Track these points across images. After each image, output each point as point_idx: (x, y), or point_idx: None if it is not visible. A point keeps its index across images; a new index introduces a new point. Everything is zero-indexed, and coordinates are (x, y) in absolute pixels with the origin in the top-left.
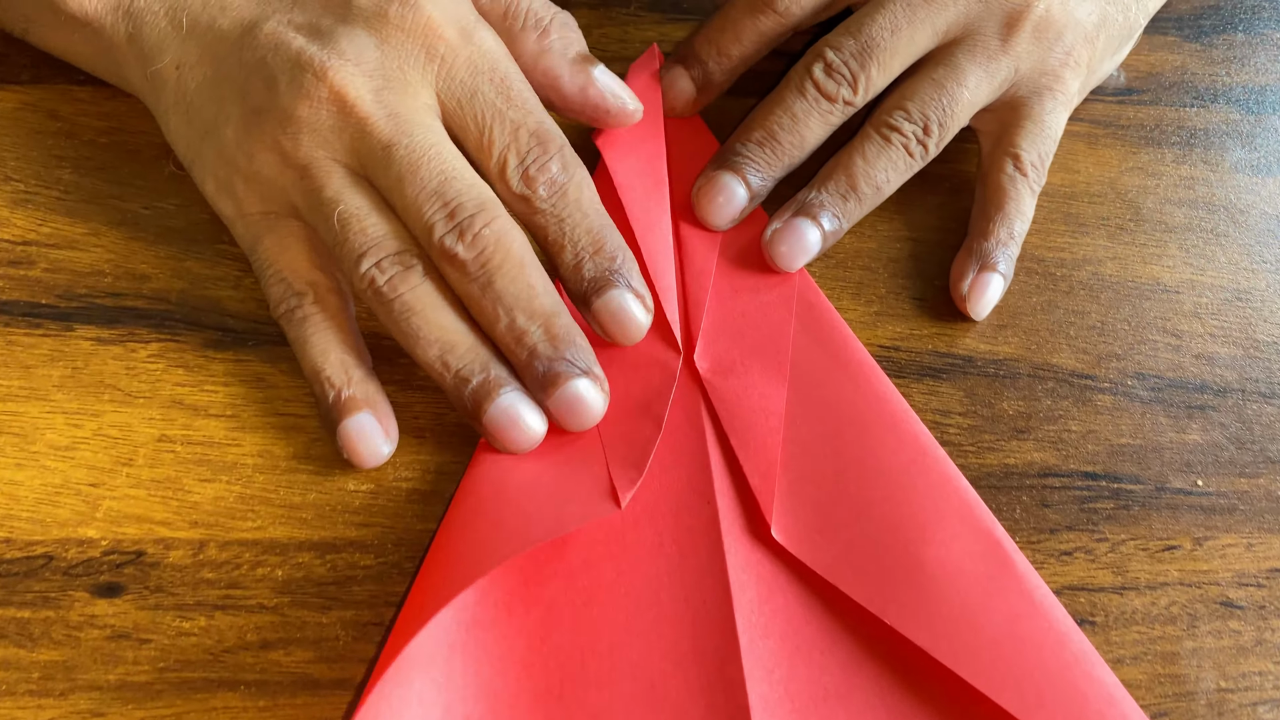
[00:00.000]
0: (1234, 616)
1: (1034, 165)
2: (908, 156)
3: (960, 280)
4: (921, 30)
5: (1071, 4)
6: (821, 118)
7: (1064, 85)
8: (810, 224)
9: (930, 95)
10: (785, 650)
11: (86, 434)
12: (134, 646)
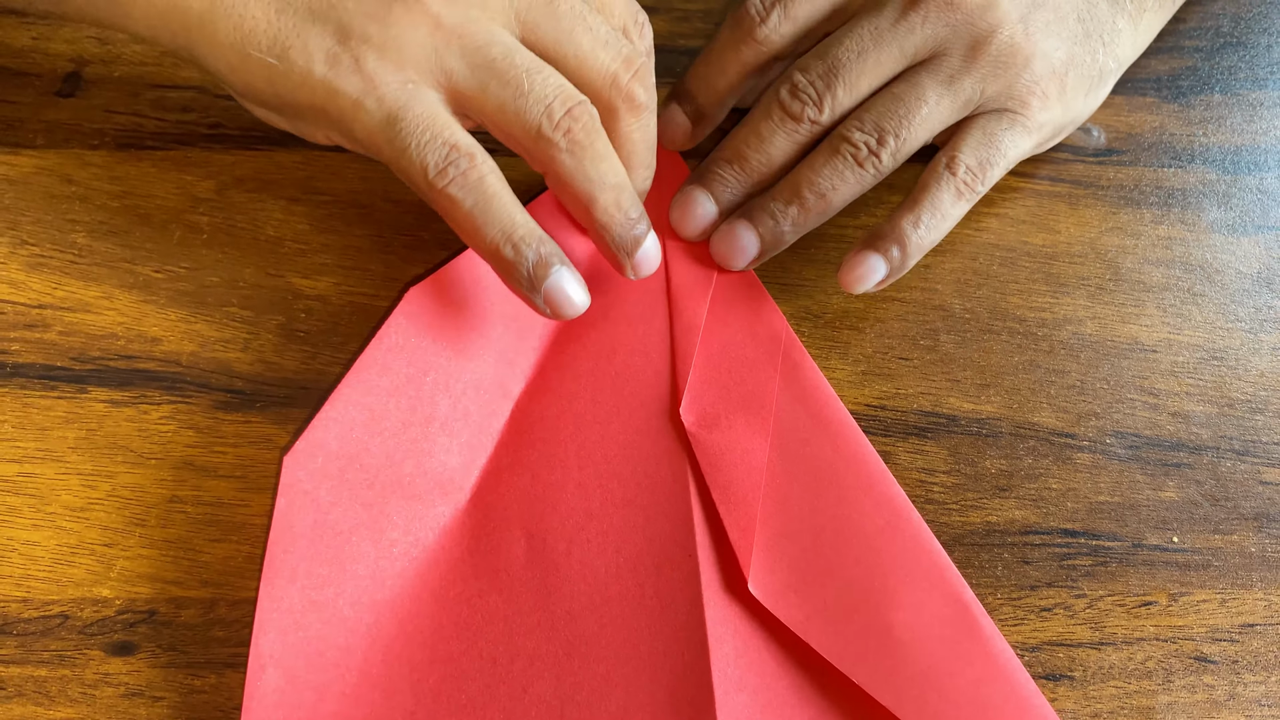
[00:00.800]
0: (1208, 671)
1: (968, 169)
2: (856, 166)
3: (851, 251)
4: (887, 53)
5: (1037, 36)
6: (787, 137)
7: (1029, 111)
8: (748, 227)
9: (886, 107)
10: (758, 704)
11: (100, 495)
12: (147, 704)
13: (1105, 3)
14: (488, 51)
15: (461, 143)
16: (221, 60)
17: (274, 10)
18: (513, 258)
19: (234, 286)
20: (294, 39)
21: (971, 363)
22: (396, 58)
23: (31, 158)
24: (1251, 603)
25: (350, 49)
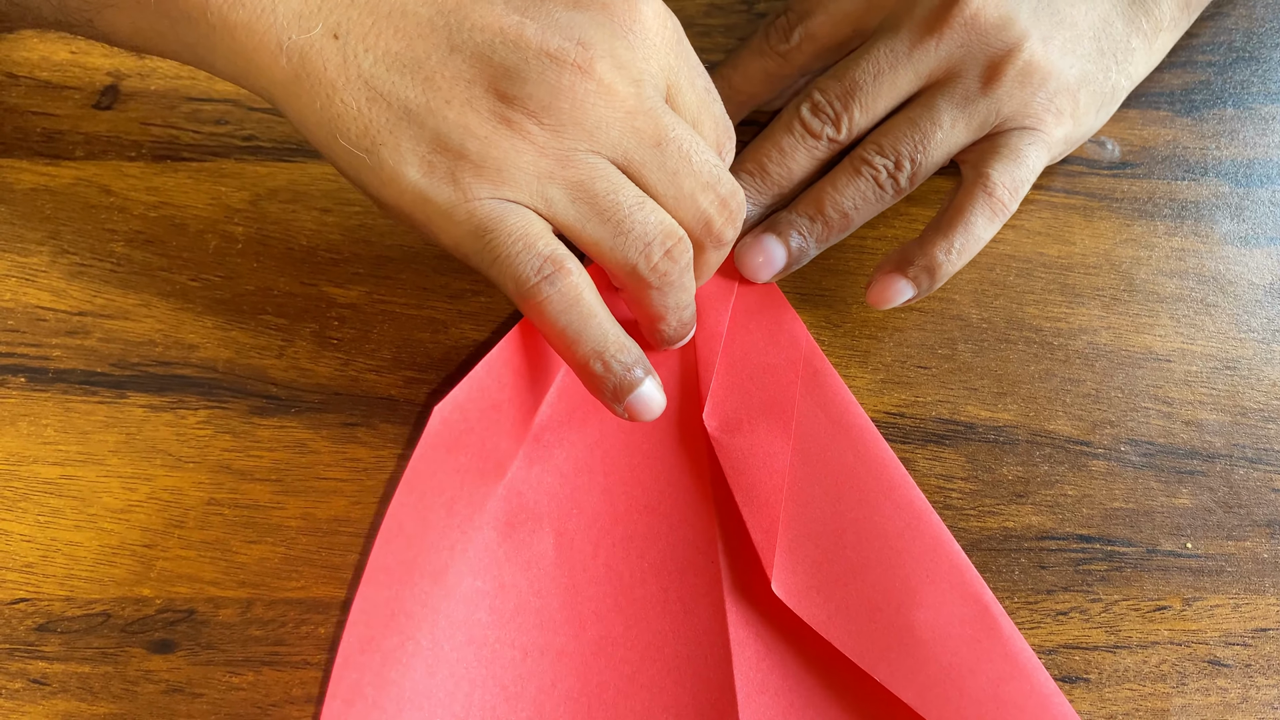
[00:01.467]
0: (1221, 674)
1: (1005, 189)
2: (876, 188)
3: (880, 270)
4: (903, 74)
5: (1054, 56)
6: (807, 153)
7: (1046, 127)
8: (776, 240)
9: (904, 132)
10: (780, 705)
11: (140, 497)
12: (187, 700)
13: (1121, 22)
14: (590, 186)
15: (556, 254)
16: (307, 132)
17: (365, 100)
18: (602, 373)
19: (268, 295)
20: (386, 136)
21: (989, 371)
22: (495, 177)
23: (71, 169)
24: (1264, 608)
25: (446, 160)
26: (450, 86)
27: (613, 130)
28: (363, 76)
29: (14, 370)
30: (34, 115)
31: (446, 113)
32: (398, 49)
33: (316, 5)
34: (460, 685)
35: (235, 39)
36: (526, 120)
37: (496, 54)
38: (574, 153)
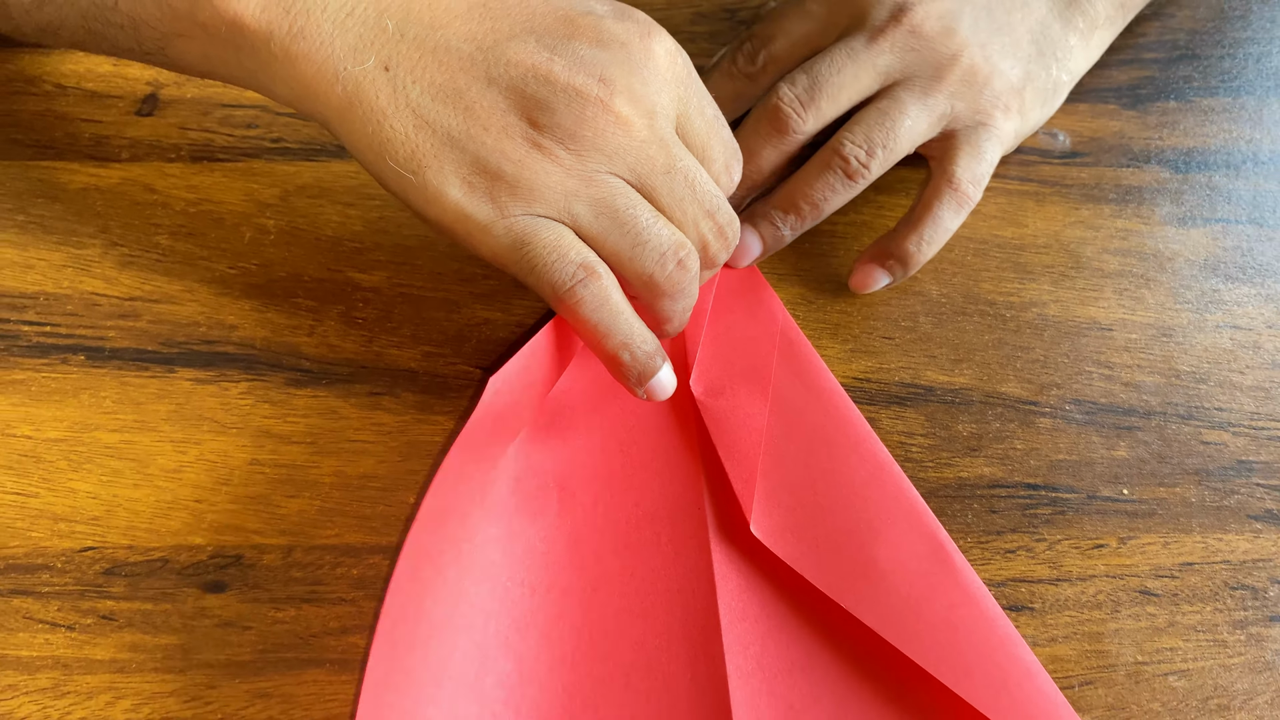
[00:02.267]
0: (1151, 603)
1: (968, 182)
2: (846, 179)
3: (860, 261)
4: (864, 69)
5: (995, 59)
6: (775, 149)
7: (996, 123)
8: (752, 232)
9: (874, 121)
10: (758, 630)
11: (191, 459)
12: (237, 632)
13: (1058, 23)
14: (611, 203)
15: (588, 260)
16: (357, 153)
17: (412, 126)
18: (629, 362)
19: (299, 280)
20: (430, 160)
21: (946, 341)
22: (528, 196)
23: (117, 170)
24: (1191, 545)
25: (484, 181)
26: (488, 115)
27: (629, 156)
28: (410, 105)
29: (74, 350)
30: (82, 122)
31: (485, 139)
32: (442, 81)
33: (370, 39)
34: (477, 617)
35: (295, 68)
36: (555, 146)
37: (529, 87)
38: (596, 174)
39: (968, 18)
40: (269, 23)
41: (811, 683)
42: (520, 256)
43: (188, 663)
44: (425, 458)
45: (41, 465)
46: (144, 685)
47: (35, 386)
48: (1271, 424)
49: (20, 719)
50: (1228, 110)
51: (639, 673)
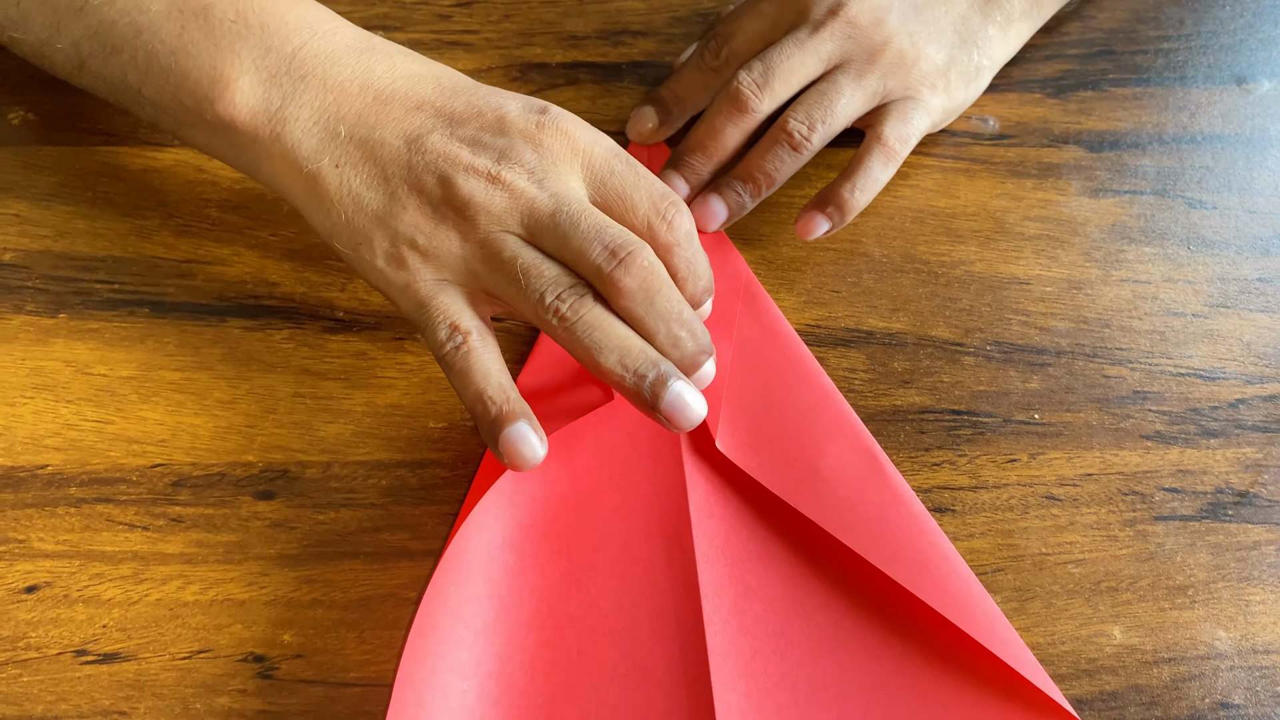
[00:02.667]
0: (1055, 506)
1: (896, 140)
2: (791, 150)
3: (803, 210)
4: (809, 57)
5: (921, 45)
6: (736, 127)
7: (923, 98)
8: (720, 200)
9: (814, 101)
10: (722, 526)
11: (242, 393)
12: (286, 531)
13: (978, 16)
14: (498, 255)
15: (463, 325)
16: (318, 232)
17: (352, 210)
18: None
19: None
20: (363, 239)
21: (886, 294)
22: (435, 262)
23: (170, 154)
24: (1090, 459)
25: (401, 251)
26: (406, 197)
27: (517, 213)
28: (351, 194)
29: (139, 304)
30: None
31: (404, 216)
32: (374, 172)
33: (326, 143)
34: (491, 539)
35: (273, 162)
36: (455, 216)
37: (440, 170)
38: (490, 234)
39: (896, 10)
40: (256, 127)
41: (765, 567)
42: (419, 317)
43: (245, 555)
44: (441, 391)
45: (116, 398)
46: (209, 573)
47: (108, 334)
48: (1164, 361)
49: (107, 599)
50: (1137, 98)
51: (624, 561)
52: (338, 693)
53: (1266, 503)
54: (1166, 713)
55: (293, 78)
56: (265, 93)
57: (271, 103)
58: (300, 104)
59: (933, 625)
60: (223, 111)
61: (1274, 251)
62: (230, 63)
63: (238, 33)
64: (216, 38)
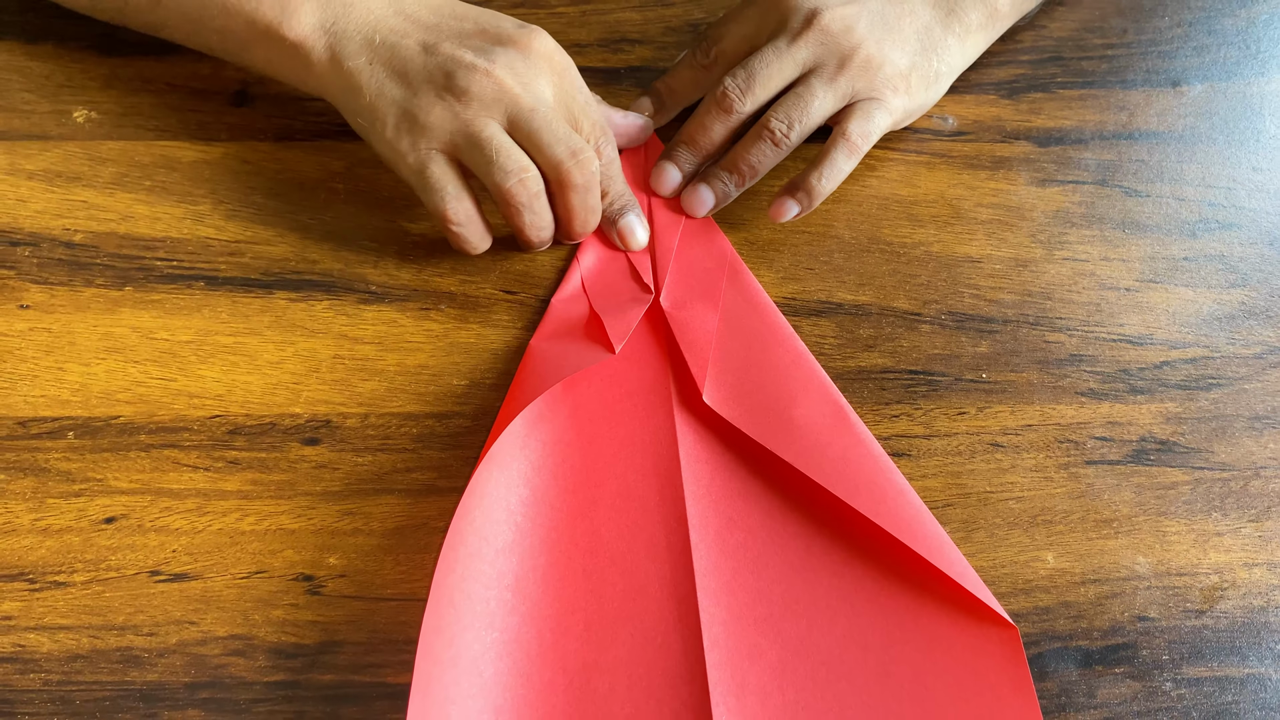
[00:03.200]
0: (999, 452)
1: (858, 136)
2: (774, 145)
3: (775, 196)
4: (787, 63)
5: (886, 51)
6: (723, 124)
7: (886, 99)
8: (706, 188)
9: (792, 103)
10: (707, 469)
11: (288, 355)
12: (329, 472)
13: (939, 26)
14: (477, 135)
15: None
16: (346, 114)
17: (374, 96)
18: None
19: (363, 228)
20: (380, 117)
21: (854, 270)
22: (427, 134)
23: (219, 147)
24: (1031, 413)
25: (409, 125)
26: (420, 86)
27: (502, 105)
28: (379, 85)
29: (195, 278)
30: (189, 112)
31: (415, 100)
32: (397, 68)
33: (365, 48)
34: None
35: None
36: (453, 100)
37: (447, 67)
38: (475, 117)
39: (865, 20)
40: (314, 42)
41: (745, 501)
42: (420, 181)
43: (294, 492)
44: (463, 354)
45: (177, 359)
46: (263, 507)
47: (168, 304)
48: (1099, 329)
49: (175, 529)
50: (1082, 99)
51: (622, 495)
52: (376, 606)
53: (1184, 450)
54: (1091, 624)
55: (343, 4)
56: (322, 16)
57: (326, 21)
58: (348, 20)
59: (890, 549)
60: (289, 32)
61: (1199, 234)
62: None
63: None
64: None
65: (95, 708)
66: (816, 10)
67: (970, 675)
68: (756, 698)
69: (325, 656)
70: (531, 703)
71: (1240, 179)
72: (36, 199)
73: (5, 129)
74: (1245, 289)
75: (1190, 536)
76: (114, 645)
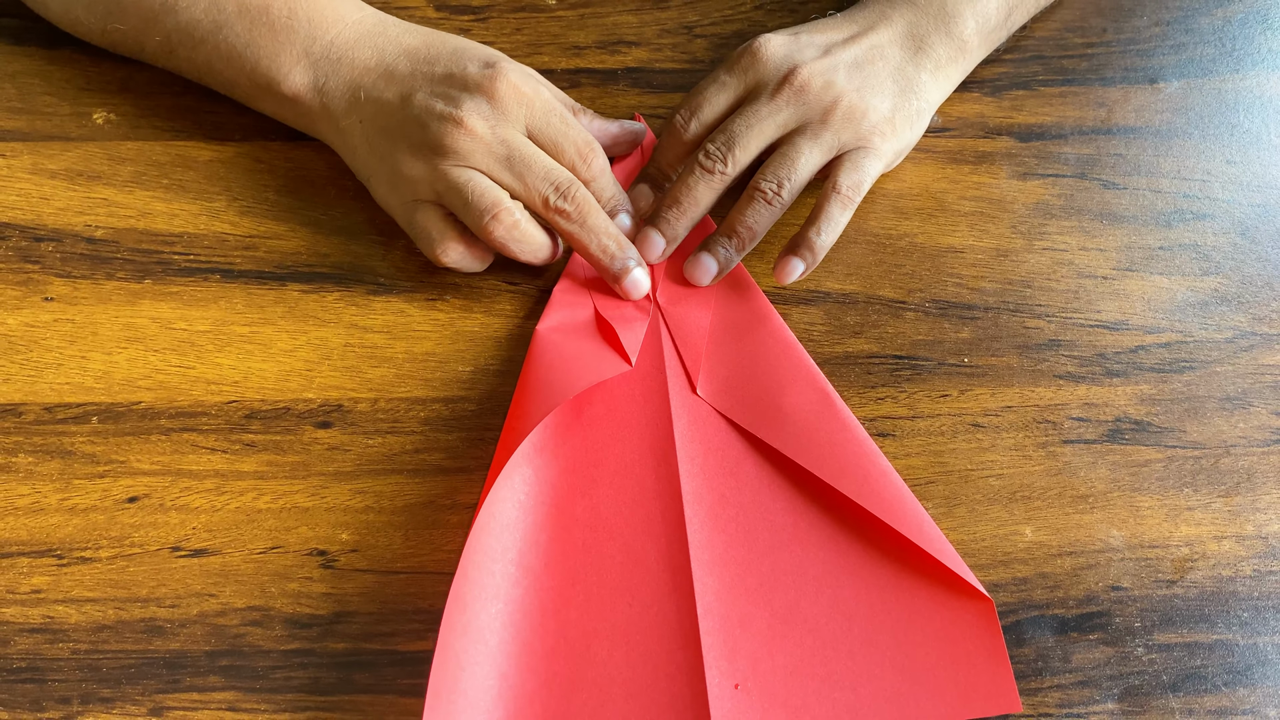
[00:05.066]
0: (979, 432)
1: (849, 188)
2: (767, 205)
3: (779, 256)
4: (767, 124)
5: (867, 98)
6: (708, 187)
7: (874, 145)
8: (708, 256)
9: (779, 163)
10: (700, 451)
11: (301, 343)
12: (341, 453)
13: (910, 65)
14: (455, 183)
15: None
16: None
17: (367, 153)
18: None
19: (372, 222)
20: (374, 172)
21: (842, 260)
22: (411, 187)
23: (233, 146)
24: (1010, 395)
25: (393, 180)
26: (401, 142)
27: (477, 153)
28: (369, 141)
29: (211, 271)
30: (204, 113)
31: (399, 155)
32: (382, 124)
33: (353, 105)
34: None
35: (322, 123)
36: (430, 153)
37: (422, 118)
38: (452, 167)
39: (841, 71)
40: (309, 100)
41: (737, 480)
42: (412, 223)
43: (308, 472)
44: (468, 341)
45: (195, 348)
46: (278, 487)
47: (186, 296)
48: (1076, 315)
49: (195, 507)
50: (1063, 96)
51: (620, 474)
52: (387, 579)
53: (1158, 429)
54: (1067, 593)
55: (330, 61)
56: (313, 76)
57: (318, 80)
58: (337, 80)
59: (873, 526)
60: (286, 90)
61: (1174, 225)
62: (288, 53)
63: (291, 28)
64: (276, 33)
65: (121, 675)
66: (793, 68)
67: (948, 644)
68: (748, 662)
69: (338, 626)
70: (535, 668)
71: (1214, 172)
72: (59, 197)
73: (28, 130)
74: (1218, 277)
75: (1162, 511)
76: (138, 616)
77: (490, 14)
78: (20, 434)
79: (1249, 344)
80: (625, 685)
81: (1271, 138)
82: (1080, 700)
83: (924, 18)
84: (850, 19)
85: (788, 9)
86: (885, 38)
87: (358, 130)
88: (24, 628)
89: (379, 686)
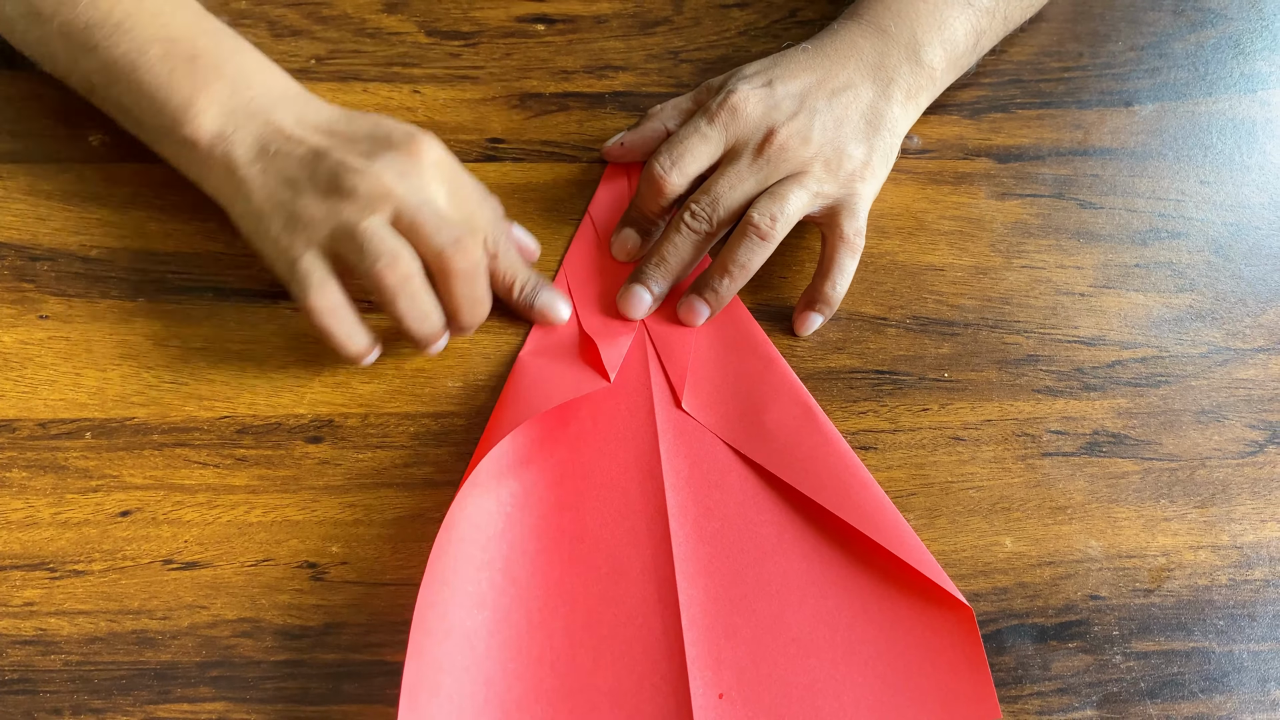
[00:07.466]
0: (960, 445)
1: (852, 235)
2: (760, 240)
3: (796, 311)
4: (747, 182)
5: (843, 146)
6: (692, 244)
7: (858, 192)
8: (698, 298)
9: (768, 200)
10: (685, 464)
11: (293, 360)
12: (331, 467)
13: (881, 100)
14: (355, 228)
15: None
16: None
17: (263, 200)
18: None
19: None
20: (268, 218)
21: None
22: (307, 230)
23: None
24: (989, 409)
25: (290, 222)
26: (306, 189)
27: (385, 202)
28: (268, 189)
29: (205, 289)
30: None
31: (300, 203)
32: (289, 175)
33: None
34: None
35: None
36: (336, 199)
37: (333, 171)
38: (357, 215)
39: (817, 126)
40: (210, 146)
41: (721, 493)
42: (288, 274)
43: (299, 486)
44: (457, 358)
45: (188, 365)
46: (269, 500)
47: (179, 314)
48: (1055, 331)
49: (187, 521)
50: (1040, 118)
51: (606, 487)
52: (376, 591)
53: (1134, 442)
54: (1046, 603)
55: (246, 115)
56: (222, 124)
57: (225, 129)
58: (247, 132)
59: (855, 537)
60: (187, 133)
61: (1149, 243)
62: (204, 98)
63: (214, 78)
64: (196, 79)
65: (113, 686)
66: (771, 130)
67: (929, 652)
68: (732, 672)
69: (328, 637)
70: (520, 675)
71: (1189, 192)
72: (55, 217)
73: (25, 152)
74: (1192, 293)
75: (1139, 522)
76: (130, 628)
77: (480, 39)
78: (14, 449)
79: (1223, 359)
80: (611, 695)
81: (1244, 159)
82: (1059, 708)
83: (893, 47)
84: (821, 52)
85: (770, 35)
86: (856, 74)
87: (257, 180)
88: (16, 639)
89: (368, 697)
